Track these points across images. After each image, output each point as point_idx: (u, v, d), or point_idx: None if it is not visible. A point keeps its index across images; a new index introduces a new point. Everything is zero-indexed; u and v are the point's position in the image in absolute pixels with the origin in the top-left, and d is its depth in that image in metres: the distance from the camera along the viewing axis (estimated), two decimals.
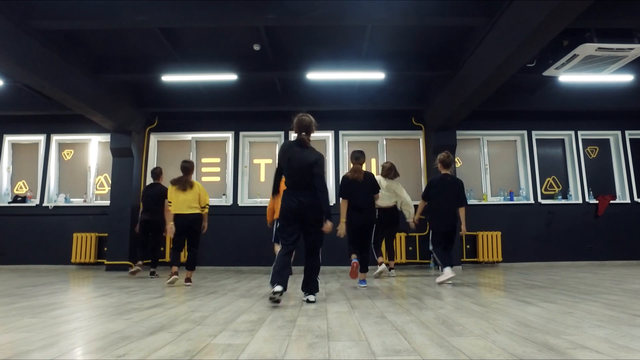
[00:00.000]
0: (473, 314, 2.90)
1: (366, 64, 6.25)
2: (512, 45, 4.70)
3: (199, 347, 2.00)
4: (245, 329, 2.43)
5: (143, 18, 4.82)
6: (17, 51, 4.95)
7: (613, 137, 8.67)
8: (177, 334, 2.29)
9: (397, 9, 4.75)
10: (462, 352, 1.88)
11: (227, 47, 6.20)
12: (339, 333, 2.32)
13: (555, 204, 8.33)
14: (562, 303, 3.31)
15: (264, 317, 2.82)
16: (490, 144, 8.73)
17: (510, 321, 2.60)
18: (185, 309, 3.21)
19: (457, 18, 4.88)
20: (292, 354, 1.89)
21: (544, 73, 6.05)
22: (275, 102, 7.70)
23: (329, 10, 4.74)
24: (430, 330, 2.37)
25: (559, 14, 3.91)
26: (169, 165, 8.50)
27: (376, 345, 2.04)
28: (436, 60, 6.32)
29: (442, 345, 2.01)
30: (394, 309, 3.12)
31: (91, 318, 2.82)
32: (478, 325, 2.48)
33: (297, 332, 2.34)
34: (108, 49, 6.31)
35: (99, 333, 2.32)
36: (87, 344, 2.07)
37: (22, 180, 8.83)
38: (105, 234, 8.10)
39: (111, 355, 1.87)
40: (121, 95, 7.26)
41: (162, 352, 1.91)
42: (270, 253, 7.77)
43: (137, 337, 2.21)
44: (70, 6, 4.85)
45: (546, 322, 2.54)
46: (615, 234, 8.10)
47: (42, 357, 1.85)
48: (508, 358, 1.77)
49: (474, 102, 6.48)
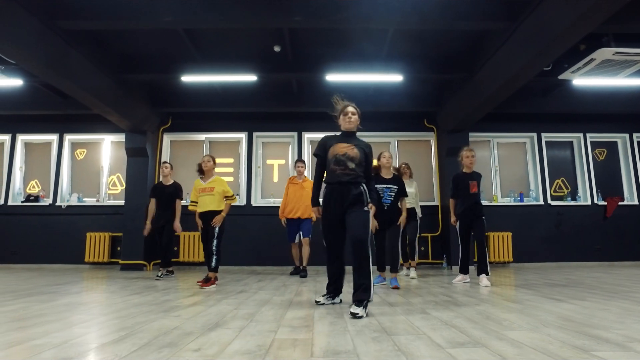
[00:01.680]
0: (511, 310, 2.98)
1: (385, 66, 6.33)
2: (534, 50, 4.80)
3: (267, 342, 2.07)
4: (300, 325, 2.50)
5: (170, 19, 4.88)
6: (46, 52, 4.99)
7: (621, 140, 8.81)
8: (237, 330, 2.36)
9: (422, 13, 4.83)
10: (524, 344, 1.97)
11: (247, 47, 6.26)
12: (394, 328, 2.39)
13: (565, 205, 8.45)
14: (593, 300, 3.40)
15: (310, 314, 2.89)
16: (500, 146, 8.83)
17: (552, 317, 2.68)
18: (226, 306, 3.27)
19: (481, 22, 4.98)
20: (362, 347, 1.96)
21: (560, 76, 6.15)
22: (291, 103, 7.77)
23: (355, 13, 4.81)
24: (479, 324, 2.45)
25: (586, 19, 4.01)
26: (181, 165, 8.56)
27: (437, 338, 2.12)
28: (453, 63, 6.41)
29: (501, 338, 2.09)
30: (432, 306, 3.20)
31: (141, 314, 2.87)
32: (523, 321, 2.56)
33: (354, 328, 2.41)
34: (130, 49, 6.35)
35: (160, 329, 2.38)
36: (156, 339, 2.13)
37: (34, 179, 8.83)
38: (118, 234, 8.12)
39: (187, 349, 1.94)
40: (138, 95, 7.31)
41: (235, 347, 1.98)
42: (282, 252, 7.88)
43: (200, 333, 2.27)
44: (99, 7, 4.89)
45: (588, 318, 2.62)
46: (623, 235, 8.23)
47: (122, 350, 1.91)
48: (571, 350, 1.85)
49: (489, 105, 6.58)
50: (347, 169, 3.15)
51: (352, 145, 3.27)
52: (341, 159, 3.17)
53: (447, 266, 7.70)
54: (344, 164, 3.16)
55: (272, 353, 1.86)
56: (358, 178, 3.18)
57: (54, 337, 2.19)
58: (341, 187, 3.15)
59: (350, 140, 3.34)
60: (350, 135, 3.38)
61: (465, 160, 5.11)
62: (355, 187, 3.15)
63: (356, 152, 3.21)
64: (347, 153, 3.20)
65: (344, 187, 3.15)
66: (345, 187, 3.14)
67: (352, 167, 3.16)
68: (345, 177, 3.15)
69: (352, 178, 3.16)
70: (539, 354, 1.81)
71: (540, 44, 4.69)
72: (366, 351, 1.88)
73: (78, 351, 1.90)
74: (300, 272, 6.17)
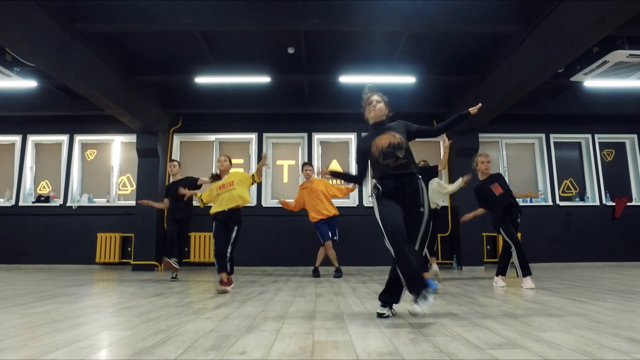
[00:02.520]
0: (536, 311, 3.02)
1: (398, 68, 6.37)
2: (549, 54, 4.85)
3: (308, 345, 2.10)
4: (333, 327, 2.54)
5: (189, 21, 4.92)
6: (63, 54, 5.03)
7: (629, 141, 8.86)
8: (273, 332, 2.39)
9: (438, 16, 4.88)
10: (561, 346, 2.00)
11: (261, 49, 6.30)
12: (428, 328, 2.43)
13: (573, 205, 8.50)
14: (614, 302, 3.44)
15: (339, 314, 2.93)
16: (509, 147, 8.88)
17: (579, 318, 2.72)
18: (253, 308, 3.30)
19: (496, 25, 5.02)
20: (403, 348, 2.00)
21: (572, 78, 6.20)
22: (301, 104, 7.81)
23: (372, 16, 4.85)
24: (509, 326, 2.49)
25: (604, 22, 4.05)
26: (190, 165, 8.61)
27: (473, 339, 2.16)
28: (466, 65, 6.46)
29: (536, 340, 2.13)
30: (456, 307, 3.24)
31: (172, 317, 2.91)
32: (551, 322, 2.59)
33: (387, 329, 2.45)
34: (144, 51, 6.39)
35: (197, 331, 2.42)
36: (197, 342, 2.16)
37: (45, 180, 8.88)
38: (129, 234, 8.17)
39: (231, 352, 1.97)
40: (151, 96, 7.35)
41: (278, 349, 2.01)
42: (293, 253, 7.94)
43: (238, 336, 2.30)
44: (117, 9, 4.93)
45: (616, 320, 2.66)
46: (632, 235, 8.28)
47: (170, 353, 1.95)
48: (611, 352, 1.89)
49: (501, 107, 6.63)
50: (398, 160, 2.87)
51: (391, 132, 2.97)
52: (389, 151, 2.88)
53: (457, 266, 7.74)
54: (394, 155, 2.88)
55: (316, 355, 1.90)
56: (411, 167, 2.90)
57: (96, 339, 2.23)
58: (397, 181, 2.87)
59: (385, 129, 3.03)
60: (382, 124, 3.09)
61: (481, 166, 4.99)
62: (411, 180, 2.88)
63: (399, 137, 2.93)
64: (392, 142, 2.91)
65: (401, 180, 2.87)
66: (402, 180, 2.87)
67: (402, 155, 2.88)
68: (400, 168, 2.87)
69: (406, 168, 2.88)
70: (579, 355, 1.85)
71: (556, 48, 4.74)
72: (409, 352, 1.92)
73: (127, 353, 1.94)
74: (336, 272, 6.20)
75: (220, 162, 4.86)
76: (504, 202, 4.77)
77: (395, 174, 2.87)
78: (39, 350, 1.99)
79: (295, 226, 8.08)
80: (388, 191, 2.87)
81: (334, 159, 8.61)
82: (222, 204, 4.62)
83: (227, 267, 4.49)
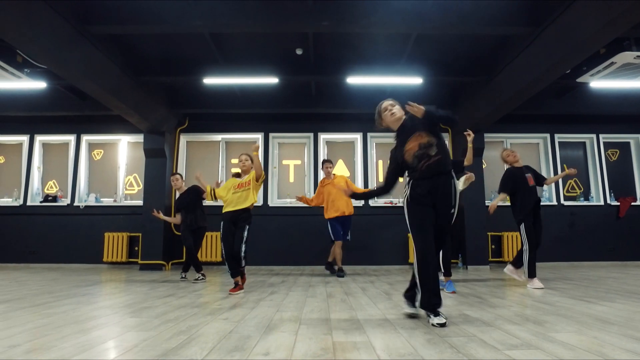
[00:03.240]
0: (546, 312, 3.07)
1: (406, 69, 6.41)
2: (557, 56, 4.88)
3: (328, 345, 2.16)
4: (350, 327, 2.59)
5: (200, 23, 4.96)
6: (75, 55, 5.08)
7: (634, 141, 8.89)
8: (292, 333, 2.45)
9: (447, 18, 4.91)
10: (576, 347, 2.06)
11: (269, 50, 6.34)
12: (443, 329, 2.48)
13: (577, 205, 8.54)
14: (623, 302, 3.49)
15: (353, 316, 2.98)
16: (514, 147, 8.90)
17: (590, 319, 2.77)
18: (267, 308, 3.36)
19: (504, 27, 5.05)
20: (422, 350, 2.05)
21: (578, 80, 6.23)
22: (308, 105, 7.86)
23: (381, 17, 4.89)
24: (522, 326, 2.54)
25: (614, 24, 4.08)
26: (197, 165, 8.67)
27: (489, 340, 2.21)
28: (473, 66, 6.49)
29: (551, 341, 2.18)
30: (467, 307, 3.29)
31: (190, 317, 2.96)
32: (563, 322, 2.64)
33: (404, 330, 2.50)
34: (153, 52, 6.43)
35: (217, 332, 2.47)
36: (220, 343, 2.22)
37: (52, 179, 8.94)
38: (136, 234, 8.23)
39: (255, 353, 2.03)
40: (158, 96, 7.40)
41: (300, 350, 2.07)
42: (299, 252, 8.00)
43: (258, 337, 2.36)
44: (127, 11, 4.98)
45: (627, 321, 2.71)
46: (636, 235, 8.32)
47: (195, 354, 2.01)
48: (626, 354, 1.94)
49: (507, 107, 6.66)
50: (432, 158, 2.79)
51: (417, 133, 2.87)
52: (421, 153, 2.82)
53: (463, 266, 7.79)
54: (427, 155, 2.80)
55: (339, 356, 1.95)
56: (447, 164, 2.84)
57: (122, 340, 2.29)
58: (432, 182, 2.81)
59: (411, 131, 2.91)
60: (405, 126, 2.97)
61: (508, 158, 4.96)
62: (446, 181, 2.84)
63: (425, 136, 2.84)
64: (421, 143, 2.84)
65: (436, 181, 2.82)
66: (437, 181, 2.82)
67: (434, 152, 2.80)
68: (435, 167, 2.80)
69: (442, 166, 2.81)
70: (594, 356, 1.90)
71: (563, 51, 4.77)
72: (428, 353, 1.97)
73: (154, 354, 1.99)
74: (339, 272, 6.23)
75: (242, 161, 4.64)
76: (535, 196, 4.74)
77: (429, 176, 2.81)
78: (68, 351, 2.05)
79: (302, 226, 8.14)
80: (419, 195, 2.82)
81: (339, 158, 8.65)
82: (235, 203, 4.51)
83: (240, 269, 4.46)
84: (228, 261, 4.41)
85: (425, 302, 2.72)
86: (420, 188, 2.82)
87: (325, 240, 7.93)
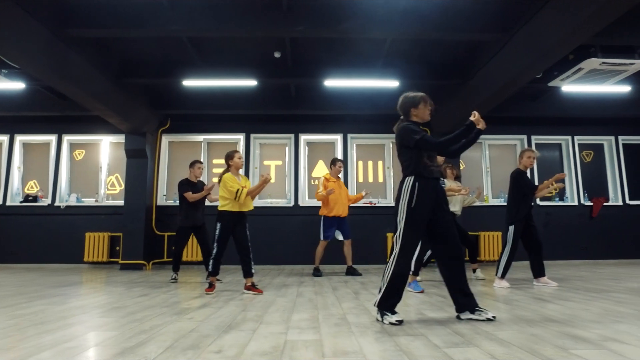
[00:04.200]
0: (502, 310, 3.21)
1: (382, 73, 6.54)
2: (525, 61, 5.04)
3: (280, 344, 2.27)
4: (307, 327, 2.70)
5: (176, 27, 5.02)
6: (50, 58, 5.11)
7: (607, 143, 9.13)
8: (250, 332, 2.55)
9: (421, 24, 5.04)
10: (512, 344, 2.19)
11: (248, 53, 6.42)
12: (395, 329, 2.60)
13: (553, 205, 8.75)
14: (576, 301, 3.65)
15: (314, 316, 3.09)
16: (492, 148, 9.11)
17: (538, 317, 2.91)
18: (234, 308, 3.46)
19: (476, 33, 5.20)
20: (368, 347, 2.17)
21: (549, 84, 6.41)
22: (288, 106, 7.95)
23: (357, 23, 5.00)
24: (473, 325, 2.67)
25: (577, 33, 4.25)
26: (179, 166, 8.73)
27: (434, 338, 2.33)
28: (448, 70, 6.64)
29: (491, 339, 2.31)
30: (427, 307, 3.42)
31: (156, 317, 3.05)
32: (512, 321, 2.78)
33: (357, 329, 2.62)
34: (133, 55, 6.47)
35: (178, 331, 2.57)
36: (177, 342, 2.32)
37: (33, 179, 8.92)
38: (117, 234, 8.25)
39: (208, 351, 2.13)
40: (139, 98, 7.43)
41: (252, 348, 2.18)
42: (281, 252, 8.10)
43: (216, 335, 2.46)
44: (105, 15, 5.02)
45: (569, 318, 2.86)
46: (608, 234, 8.56)
47: (150, 353, 2.10)
48: (553, 349, 2.08)
49: (482, 109, 6.75)
50: (435, 163, 3.06)
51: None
52: (432, 154, 3.03)
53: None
54: (435, 159, 3.05)
55: (286, 354, 2.06)
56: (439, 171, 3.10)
57: (83, 340, 2.37)
58: (435, 183, 2.98)
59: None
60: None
61: (527, 160, 4.92)
62: (440, 184, 3.06)
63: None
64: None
65: (437, 184, 3.00)
66: (437, 184, 3.00)
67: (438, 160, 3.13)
68: (438, 173, 3.04)
69: (439, 172, 3.11)
70: (525, 352, 2.03)
71: (532, 56, 4.94)
72: (371, 351, 2.09)
73: (111, 353, 2.08)
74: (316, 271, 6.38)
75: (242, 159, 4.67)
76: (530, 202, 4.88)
77: (434, 177, 2.97)
78: (27, 351, 2.13)
79: (283, 225, 8.23)
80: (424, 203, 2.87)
81: (320, 159, 8.77)
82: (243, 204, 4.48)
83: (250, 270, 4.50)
84: (215, 263, 4.44)
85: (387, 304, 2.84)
86: (426, 192, 2.88)
87: (305, 240, 8.06)
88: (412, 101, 3.12)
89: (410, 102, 3.13)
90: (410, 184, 2.91)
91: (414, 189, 2.88)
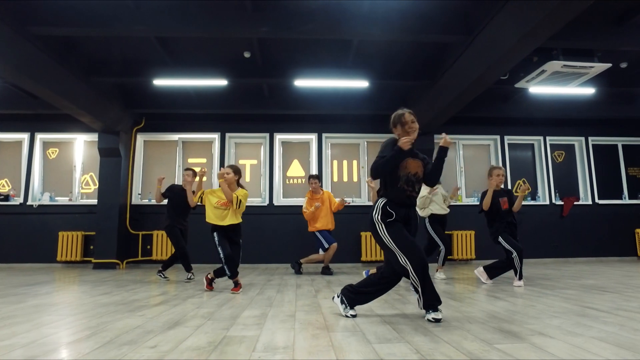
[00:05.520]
0: (450, 307, 3.29)
1: (351, 73, 6.60)
2: (487, 62, 5.14)
3: (218, 339, 2.31)
4: (253, 323, 2.75)
5: (141, 27, 5.02)
6: (16, 56, 5.07)
7: (578, 143, 9.34)
8: (194, 328, 2.59)
9: (384, 26, 5.11)
10: (441, 339, 2.26)
11: (218, 53, 6.43)
12: (336, 325, 2.66)
13: (525, 204, 8.90)
14: (527, 297, 3.76)
15: (265, 313, 3.14)
16: (466, 148, 9.24)
17: (482, 314, 3.00)
18: (190, 306, 3.49)
19: (439, 35, 5.28)
20: (300, 343, 2.22)
21: (516, 85, 6.53)
22: (262, 106, 7.97)
23: (321, 24, 5.05)
24: (414, 321, 2.74)
25: (531, 37, 4.36)
26: (154, 164, 8.70)
27: (370, 334, 2.39)
28: (417, 71, 6.73)
29: (425, 334, 2.39)
30: (379, 304, 3.48)
31: (107, 314, 3.07)
32: (454, 318, 2.86)
33: (300, 325, 2.67)
34: (102, 53, 6.44)
35: (122, 328, 2.60)
36: (117, 337, 2.34)
37: (4, 178, 8.80)
38: (91, 233, 8.19)
39: (144, 346, 2.16)
40: (111, 97, 7.39)
41: (188, 344, 2.22)
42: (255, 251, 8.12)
43: (159, 332, 2.49)
44: (71, 14, 4.99)
45: (511, 314, 2.95)
46: (578, 233, 8.76)
47: (85, 349, 2.13)
48: (479, 344, 2.16)
49: (451, 109, 6.93)
50: (414, 192, 2.95)
51: (420, 162, 3.02)
52: (412, 180, 2.94)
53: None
54: (413, 186, 2.95)
55: (219, 349, 2.10)
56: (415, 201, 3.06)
57: (22, 337, 2.38)
58: (407, 210, 2.95)
59: (415, 155, 3.02)
60: (413, 147, 2.95)
61: (496, 179, 5.02)
62: (414, 211, 3.07)
63: (422, 172, 3.02)
64: (418, 174, 2.98)
65: (409, 210, 2.97)
66: (409, 211, 2.97)
67: (417, 190, 2.97)
68: (412, 200, 2.98)
69: (414, 201, 3.01)
70: (450, 348, 2.10)
71: (494, 57, 5.03)
72: (302, 347, 2.14)
73: (43, 350, 2.10)
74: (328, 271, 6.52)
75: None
76: (507, 217, 5.01)
77: (408, 203, 2.94)
78: None
79: (257, 224, 8.24)
80: (399, 218, 2.88)
81: (295, 158, 8.81)
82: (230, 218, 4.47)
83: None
84: (228, 264, 4.36)
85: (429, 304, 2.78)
86: (400, 214, 2.88)
87: (279, 239, 8.10)
88: (392, 121, 3.09)
89: (391, 122, 3.09)
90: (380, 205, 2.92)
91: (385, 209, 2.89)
